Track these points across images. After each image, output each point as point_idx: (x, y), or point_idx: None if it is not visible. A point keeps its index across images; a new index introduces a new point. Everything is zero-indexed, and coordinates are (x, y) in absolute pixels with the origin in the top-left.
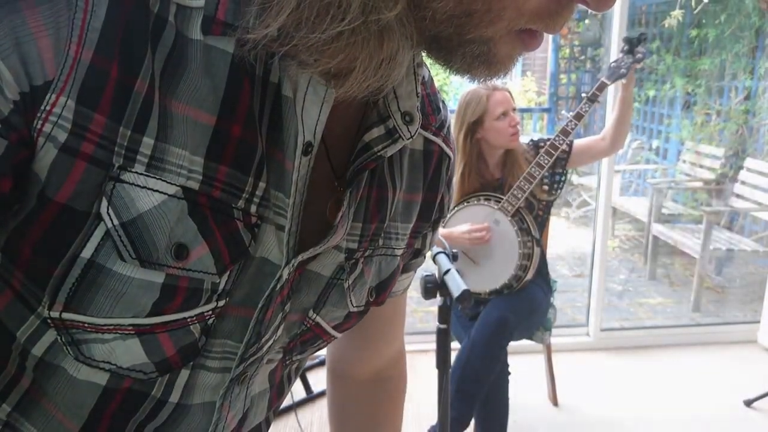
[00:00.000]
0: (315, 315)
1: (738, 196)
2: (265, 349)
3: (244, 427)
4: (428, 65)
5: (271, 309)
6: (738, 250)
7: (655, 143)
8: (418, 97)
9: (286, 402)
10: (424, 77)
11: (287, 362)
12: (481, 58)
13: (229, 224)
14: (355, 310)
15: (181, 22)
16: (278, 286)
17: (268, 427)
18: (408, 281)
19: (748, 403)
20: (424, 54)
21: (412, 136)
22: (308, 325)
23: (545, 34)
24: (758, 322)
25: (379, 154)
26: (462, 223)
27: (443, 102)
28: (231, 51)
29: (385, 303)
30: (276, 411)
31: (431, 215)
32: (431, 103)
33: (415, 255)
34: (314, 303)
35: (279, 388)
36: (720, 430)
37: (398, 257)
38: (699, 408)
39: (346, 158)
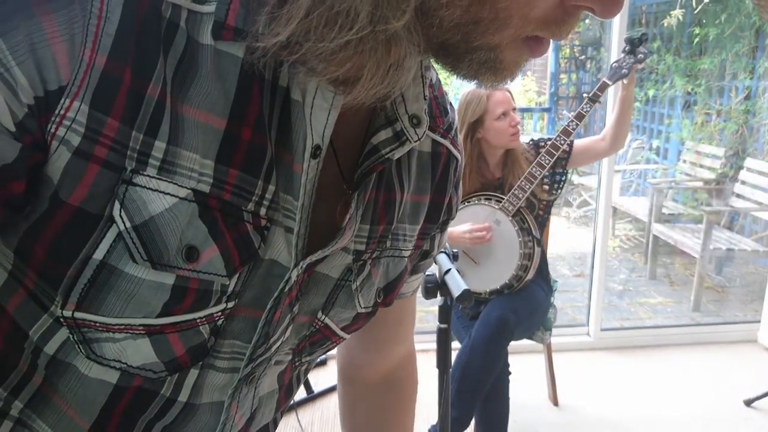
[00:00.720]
0: (323, 316)
1: (738, 195)
2: (273, 349)
3: (251, 427)
4: (435, 68)
5: (279, 310)
6: (738, 249)
7: (655, 143)
8: (425, 99)
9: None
10: (431, 80)
11: (296, 364)
12: (487, 65)
13: (239, 227)
14: (364, 311)
15: (192, 27)
16: (287, 288)
17: (276, 427)
18: (417, 283)
19: (748, 403)
20: (431, 59)
21: (419, 139)
22: (317, 327)
23: None
24: (758, 321)
25: (386, 156)
26: (463, 222)
27: (451, 104)
28: (241, 56)
29: (393, 304)
30: (284, 412)
31: (439, 217)
32: (439, 105)
33: (423, 256)
34: (323, 304)
35: (288, 389)
36: (720, 429)
37: (406, 258)
38: (699, 408)
39: (354, 161)
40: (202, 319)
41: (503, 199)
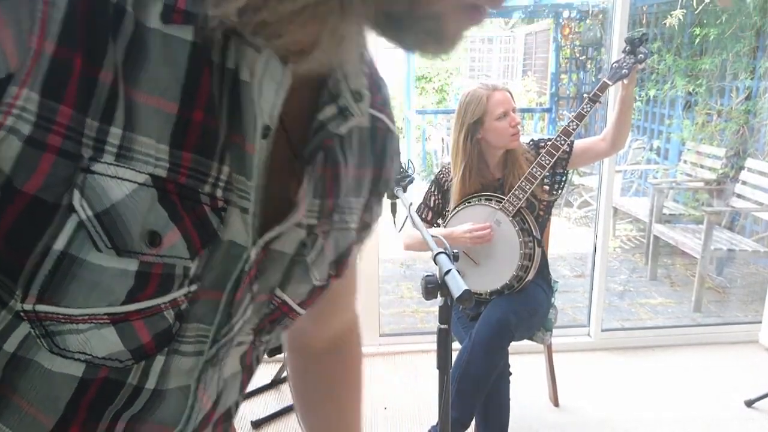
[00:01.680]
0: (281, 293)
1: (739, 196)
2: (235, 329)
3: (217, 410)
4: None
5: (240, 290)
6: (739, 250)
7: (656, 143)
8: (364, 76)
9: (287, 402)
10: (366, 57)
11: (257, 344)
12: (432, 35)
13: (197, 209)
14: (319, 284)
15: (140, 11)
16: (246, 267)
17: (237, 410)
18: (357, 253)
19: (749, 404)
20: (374, 32)
21: (362, 113)
22: (276, 304)
23: (547, 36)
24: (759, 322)
25: (334, 132)
26: (463, 223)
27: (383, 80)
28: (190, 39)
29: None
30: (244, 395)
31: (378, 189)
32: (375, 81)
33: (364, 228)
34: (280, 281)
35: (249, 371)
36: (721, 430)
37: (353, 231)
38: (700, 408)
39: (304, 137)
40: (167, 304)
41: (503, 199)
